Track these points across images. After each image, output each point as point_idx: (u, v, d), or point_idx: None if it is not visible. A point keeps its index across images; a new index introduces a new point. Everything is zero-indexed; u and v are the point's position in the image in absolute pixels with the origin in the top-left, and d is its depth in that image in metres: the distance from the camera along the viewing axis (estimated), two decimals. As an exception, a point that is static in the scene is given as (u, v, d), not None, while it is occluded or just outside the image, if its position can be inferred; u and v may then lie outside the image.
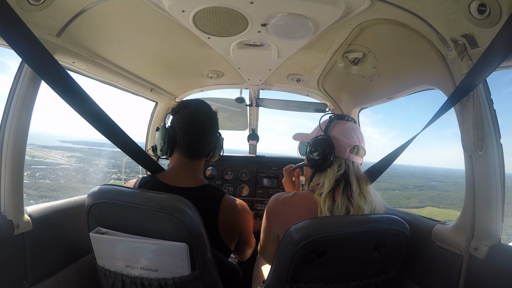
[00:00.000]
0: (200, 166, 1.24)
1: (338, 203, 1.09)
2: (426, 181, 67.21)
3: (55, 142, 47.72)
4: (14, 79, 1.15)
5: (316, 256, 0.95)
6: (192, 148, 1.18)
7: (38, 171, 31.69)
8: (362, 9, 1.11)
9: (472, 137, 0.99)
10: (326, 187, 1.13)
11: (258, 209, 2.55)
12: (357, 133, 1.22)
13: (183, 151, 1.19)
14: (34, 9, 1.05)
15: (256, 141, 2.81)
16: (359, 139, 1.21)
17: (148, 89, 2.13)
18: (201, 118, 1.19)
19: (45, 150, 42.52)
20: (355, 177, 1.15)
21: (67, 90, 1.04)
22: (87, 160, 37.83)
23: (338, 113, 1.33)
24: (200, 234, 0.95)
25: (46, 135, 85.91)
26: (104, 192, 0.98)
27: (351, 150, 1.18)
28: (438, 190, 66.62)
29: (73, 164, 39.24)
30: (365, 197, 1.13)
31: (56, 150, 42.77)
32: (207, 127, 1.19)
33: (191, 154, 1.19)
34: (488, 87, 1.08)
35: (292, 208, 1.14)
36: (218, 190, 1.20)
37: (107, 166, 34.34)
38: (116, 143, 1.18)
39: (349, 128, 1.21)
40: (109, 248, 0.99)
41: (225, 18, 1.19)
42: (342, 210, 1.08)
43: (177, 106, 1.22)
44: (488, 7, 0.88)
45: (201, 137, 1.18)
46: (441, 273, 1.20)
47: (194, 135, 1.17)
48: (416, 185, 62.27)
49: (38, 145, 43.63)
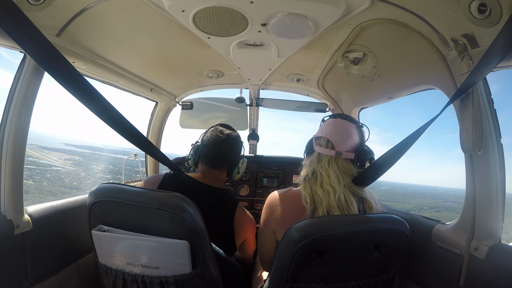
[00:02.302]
0: (219, 175, 1.43)
1: (308, 192, 1.16)
2: (440, 201, 64.14)
3: (59, 145, 47.34)
4: (14, 78, 1.15)
5: (316, 255, 0.96)
6: (210, 158, 1.39)
7: (26, 170, 31.48)
8: (362, 8, 1.11)
9: (471, 136, 0.99)
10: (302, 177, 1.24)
11: (258, 209, 2.54)
12: (331, 127, 1.22)
13: (203, 160, 1.41)
14: (34, 9, 1.05)
15: (256, 140, 2.81)
16: (327, 131, 1.22)
17: (148, 89, 2.13)
18: (219, 135, 1.41)
19: (45, 151, 42.18)
20: (321, 168, 1.18)
21: (75, 85, 1.01)
22: (83, 164, 37.36)
23: (331, 114, 1.36)
24: (201, 232, 0.95)
25: (52, 137, 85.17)
26: (105, 190, 0.99)
27: (316, 142, 1.25)
28: (455, 212, 63.36)
29: (66, 167, 38.73)
30: (329, 186, 1.15)
31: (56, 152, 42.43)
32: (223, 142, 1.39)
33: (210, 163, 1.39)
34: (489, 87, 1.08)
35: (285, 203, 1.20)
36: (234, 196, 1.45)
37: (103, 171, 33.84)
38: (128, 137, 1.16)
39: (325, 124, 1.27)
40: (111, 246, 1.00)
41: (225, 18, 1.19)
42: (307, 199, 1.14)
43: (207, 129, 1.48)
44: (489, 7, 0.87)
45: (219, 148, 1.38)
46: (441, 273, 1.20)
47: (212, 147, 1.38)
48: (431, 206, 58.69)
49: (39, 146, 43.20)
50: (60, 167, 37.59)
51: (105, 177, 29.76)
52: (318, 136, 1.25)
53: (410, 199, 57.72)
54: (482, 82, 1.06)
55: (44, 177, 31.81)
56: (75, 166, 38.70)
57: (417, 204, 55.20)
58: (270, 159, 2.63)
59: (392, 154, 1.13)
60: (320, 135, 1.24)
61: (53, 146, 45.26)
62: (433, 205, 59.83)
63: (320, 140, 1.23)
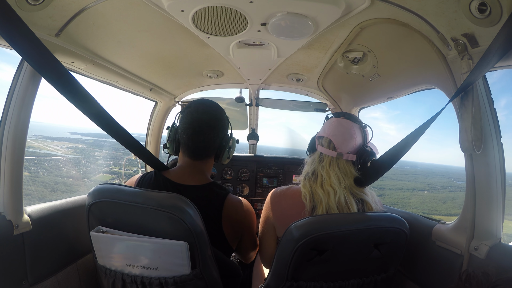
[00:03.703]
0: (204, 166, 1.23)
1: (308, 190, 1.16)
2: (452, 180, 60.99)
3: (65, 134, 46.06)
4: (14, 78, 1.14)
5: (316, 254, 0.96)
6: (191, 149, 1.18)
7: (24, 162, 30.75)
8: (362, 8, 1.11)
9: (470, 136, 0.99)
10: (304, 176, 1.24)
11: (258, 209, 2.55)
12: (334, 127, 1.22)
13: (185, 150, 1.19)
14: (33, 9, 1.05)
15: (256, 140, 2.81)
16: (329, 131, 1.21)
17: (148, 89, 2.12)
18: (200, 118, 1.16)
19: (48, 141, 41.26)
20: (322, 168, 1.19)
21: (69, 88, 1.03)
22: (85, 151, 36.10)
23: (335, 112, 1.35)
24: (200, 233, 0.95)
25: (58, 127, 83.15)
26: (104, 191, 0.99)
27: (319, 141, 1.24)
28: (472, 192, 60.00)
29: (67, 155, 37.53)
30: (329, 187, 1.15)
31: (60, 141, 41.37)
32: (204, 127, 1.15)
33: (192, 155, 1.19)
34: (489, 87, 1.08)
35: (285, 200, 1.21)
36: (222, 188, 1.19)
37: (104, 158, 32.91)
38: (119, 139, 1.19)
39: (328, 123, 1.27)
40: (109, 247, 0.99)
41: (225, 18, 1.19)
42: (307, 196, 1.15)
43: (185, 105, 1.23)
44: (489, 6, 0.87)
45: (198, 136, 1.15)
46: (441, 273, 1.20)
47: (190, 135, 1.15)
48: (444, 185, 54.71)
49: (43, 136, 42.44)
50: (60, 156, 36.67)
51: (105, 163, 29.22)
52: (321, 136, 1.25)
53: (422, 178, 53.48)
54: (482, 81, 1.06)
55: (41, 167, 30.91)
56: (77, 154, 37.80)
57: (430, 184, 51.50)
58: (270, 159, 2.63)
59: (393, 154, 1.14)
60: (322, 135, 1.24)
61: (58, 136, 44.36)
62: (446, 185, 55.65)
63: (322, 140, 1.23)
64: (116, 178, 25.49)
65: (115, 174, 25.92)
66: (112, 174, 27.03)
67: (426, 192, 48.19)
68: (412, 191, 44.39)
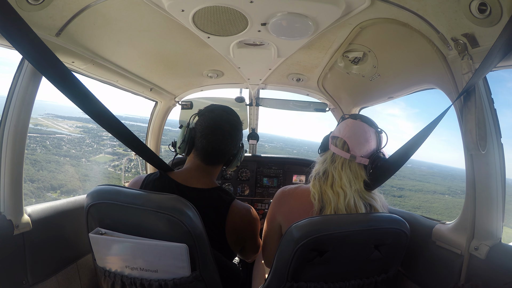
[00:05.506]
0: (214, 171, 1.24)
1: (317, 190, 1.15)
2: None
3: (78, 114, 44.59)
4: (14, 78, 1.14)
5: (316, 254, 0.96)
6: (208, 154, 1.18)
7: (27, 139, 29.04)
8: (362, 8, 1.10)
9: (475, 136, 0.99)
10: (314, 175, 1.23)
11: (258, 209, 2.55)
12: (350, 129, 1.21)
13: (199, 154, 1.19)
14: (33, 9, 1.05)
15: (256, 140, 2.81)
16: (345, 132, 1.21)
17: (148, 88, 2.12)
18: (223, 126, 1.18)
19: (59, 119, 39.99)
20: (334, 169, 1.17)
21: (70, 87, 1.03)
22: (94, 131, 34.51)
23: (351, 114, 1.34)
24: (200, 235, 0.94)
25: (72, 107, 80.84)
26: (103, 192, 0.98)
27: (332, 141, 1.23)
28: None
29: (73, 134, 36.28)
30: (340, 188, 1.14)
31: (70, 120, 39.91)
32: (226, 136, 1.18)
33: (206, 159, 1.19)
34: (489, 87, 1.08)
35: (294, 199, 1.19)
36: (228, 194, 1.20)
37: (111, 138, 32.25)
38: (121, 139, 1.18)
39: (344, 123, 1.25)
40: (108, 249, 0.99)
41: (225, 18, 1.19)
42: (316, 196, 1.14)
43: (204, 108, 1.24)
44: (489, 6, 0.87)
45: (219, 144, 1.17)
46: (441, 273, 1.20)
47: (211, 141, 1.16)
48: (463, 190, 54.26)
49: (54, 115, 41.19)
50: (66, 134, 35.48)
51: (111, 144, 28.35)
52: (335, 136, 1.23)
53: (440, 181, 49.93)
54: (482, 82, 1.06)
55: (40, 145, 29.73)
56: (84, 133, 36.51)
57: (450, 187, 47.22)
58: (270, 159, 2.63)
59: (399, 157, 1.13)
60: (337, 135, 1.22)
61: (70, 115, 42.96)
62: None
63: (337, 141, 1.21)
64: (117, 159, 25.34)
65: (116, 155, 26.19)
66: (113, 155, 27.20)
67: (447, 196, 44.20)
68: (433, 194, 40.93)
